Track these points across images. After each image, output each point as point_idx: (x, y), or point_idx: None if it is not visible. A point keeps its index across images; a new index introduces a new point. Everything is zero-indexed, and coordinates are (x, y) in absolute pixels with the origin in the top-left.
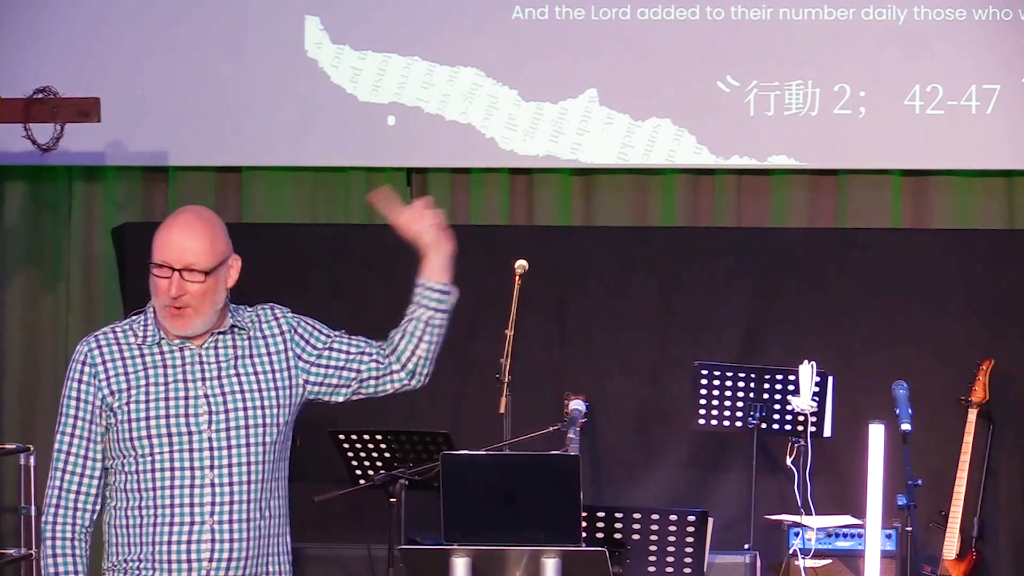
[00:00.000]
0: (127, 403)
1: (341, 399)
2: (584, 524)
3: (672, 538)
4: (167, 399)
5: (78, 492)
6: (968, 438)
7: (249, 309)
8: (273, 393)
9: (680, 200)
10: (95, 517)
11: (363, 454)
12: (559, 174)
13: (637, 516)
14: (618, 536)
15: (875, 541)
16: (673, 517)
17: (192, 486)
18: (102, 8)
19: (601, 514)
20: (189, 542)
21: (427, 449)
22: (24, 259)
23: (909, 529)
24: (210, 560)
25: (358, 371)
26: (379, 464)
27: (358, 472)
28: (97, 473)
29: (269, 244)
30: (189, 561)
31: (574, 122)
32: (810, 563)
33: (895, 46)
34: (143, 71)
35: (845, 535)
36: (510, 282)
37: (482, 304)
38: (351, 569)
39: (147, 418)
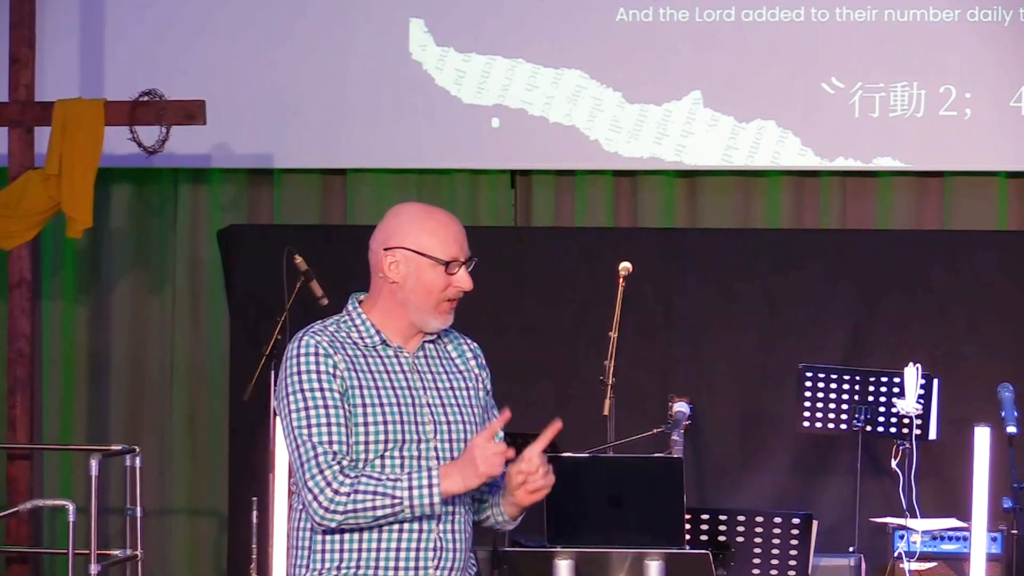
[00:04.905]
0: (356, 404)
1: None
2: (688, 526)
3: (776, 540)
4: (399, 404)
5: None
6: None
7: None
8: (478, 410)
9: (785, 202)
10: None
11: None
12: (663, 176)
13: (741, 518)
14: (722, 538)
15: (981, 544)
16: (778, 520)
17: None
18: (208, 11)
19: (705, 516)
20: (418, 549)
21: None
22: (130, 261)
23: (1015, 532)
24: (437, 568)
25: None
26: None
27: None
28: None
29: None
30: (416, 569)
31: (678, 124)
32: (915, 566)
33: (1001, 47)
34: (249, 73)
35: (950, 538)
36: (614, 284)
37: (586, 306)
38: None
39: (384, 422)
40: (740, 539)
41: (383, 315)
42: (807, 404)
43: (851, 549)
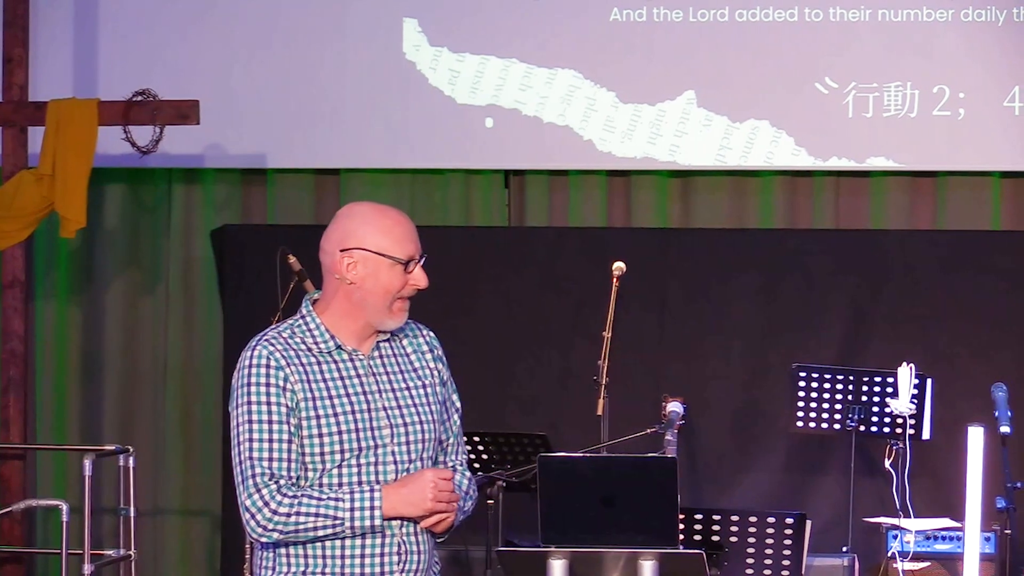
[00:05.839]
0: (311, 416)
1: None
2: (682, 526)
3: (770, 540)
4: (354, 412)
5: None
6: None
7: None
8: (436, 408)
9: (778, 202)
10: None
11: None
12: (657, 176)
13: (735, 518)
14: (716, 538)
15: (974, 544)
16: (771, 519)
17: None
18: (201, 11)
19: (699, 516)
20: (382, 555)
21: (524, 451)
22: (123, 261)
23: (1008, 532)
24: (402, 572)
25: (440, 442)
26: (476, 466)
27: None
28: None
29: None
30: (382, 574)
31: (672, 124)
32: (908, 566)
33: (994, 47)
34: (242, 73)
35: (944, 538)
36: (608, 284)
37: (580, 306)
38: (448, 571)
39: (339, 432)
40: (734, 539)
41: (337, 317)
42: (800, 404)
43: (845, 549)
